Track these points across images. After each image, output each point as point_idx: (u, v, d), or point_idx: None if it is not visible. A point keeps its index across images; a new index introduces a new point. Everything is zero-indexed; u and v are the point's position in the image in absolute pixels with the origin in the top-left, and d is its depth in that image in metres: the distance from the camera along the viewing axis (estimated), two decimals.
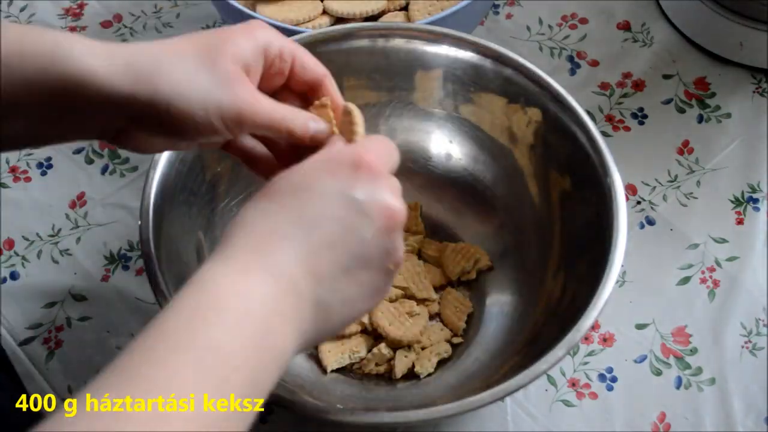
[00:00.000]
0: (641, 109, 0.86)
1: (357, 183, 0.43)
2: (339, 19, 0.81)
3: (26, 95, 0.45)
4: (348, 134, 0.49)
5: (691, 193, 0.81)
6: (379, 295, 0.46)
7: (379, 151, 0.46)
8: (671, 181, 0.81)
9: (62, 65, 0.44)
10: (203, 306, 0.39)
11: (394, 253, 0.45)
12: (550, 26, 0.92)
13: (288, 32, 0.74)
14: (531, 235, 0.74)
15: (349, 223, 0.43)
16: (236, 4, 0.78)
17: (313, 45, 0.71)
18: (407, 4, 0.84)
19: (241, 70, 0.47)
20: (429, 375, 0.69)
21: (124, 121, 0.47)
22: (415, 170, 0.78)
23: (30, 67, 0.44)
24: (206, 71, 0.46)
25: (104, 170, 0.83)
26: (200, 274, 0.40)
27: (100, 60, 0.44)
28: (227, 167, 0.72)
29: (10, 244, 0.79)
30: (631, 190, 0.80)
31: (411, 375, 0.69)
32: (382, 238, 0.44)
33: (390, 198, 0.44)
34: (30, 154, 0.85)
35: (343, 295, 0.43)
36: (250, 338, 0.38)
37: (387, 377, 0.70)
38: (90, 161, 0.84)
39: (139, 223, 0.62)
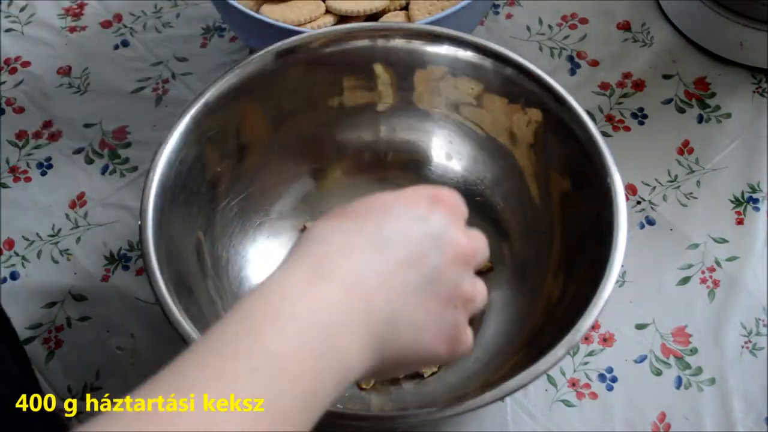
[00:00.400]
0: (641, 109, 0.86)
1: (432, 214, 0.44)
2: (342, 18, 0.81)
3: None
4: None
5: (691, 193, 0.81)
6: (448, 336, 0.45)
7: (455, 197, 0.47)
8: (671, 181, 0.81)
9: None
10: (269, 312, 0.38)
11: (462, 288, 0.45)
12: (550, 26, 0.92)
13: (289, 33, 0.75)
14: (531, 235, 0.74)
15: (423, 248, 0.43)
16: (236, 4, 0.78)
17: (313, 45, 0.71)
18: (407, 4, 0.84)
19: None
20: (433, 374, 0.69)
21: None
22: (414, 170, 0.78)
23: None
24: None
25: (104, 170, 0.83)
26: (270, 280, 0.40)
27: None
28: (227, 167, 0.72)
29: (10, 244, 0.79)
30: (631, 190, 0.80)
31: (414, 374, 0.69)
32: (452, 269, 0.44)
33: (460, 235, 0.45)
34: (30, 154, 0.85)
35: (411, 318, 0.43)
36: (309, 349, 0.38)
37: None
38: (90, 161, 0.84)
39: (139, 223, 0.62)
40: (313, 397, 0.37)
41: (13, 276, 0.77)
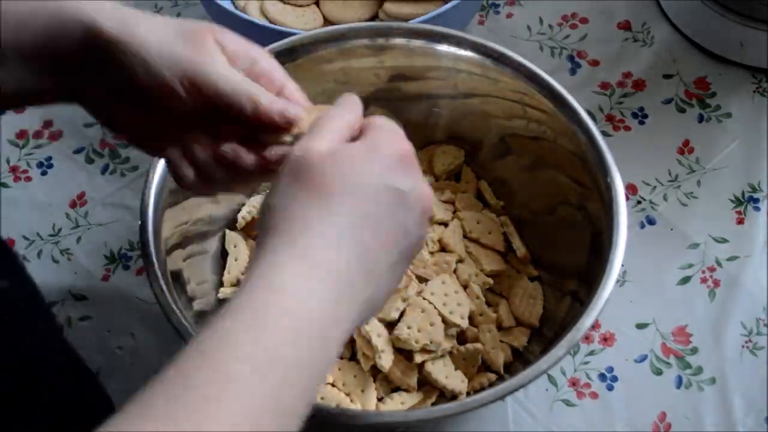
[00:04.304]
0: (642, 109, 0.86)
1: (403, 175, 0.45)
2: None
3: (16, 38, 0.46)
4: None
5: (692, 192, 0.81)
6: (400, 280, 0.47)
7: (403, 135, 0.47)
8: (672, 181, 0.81)
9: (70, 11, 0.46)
10: (264, 308, 0.39)
11: (423, 240, 0.47)
12: (550, 26, 0.92)
13: (290, 33, 0.75)
14: (531, 235, 0.74)
15: (398, 220, 0.44)
16: (224, 4, 0.79)
17: (313, 45, 0.71)
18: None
19: (217, 46, 0.47)
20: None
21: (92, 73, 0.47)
22: None
23: (25, 9, 0.46)
24: (184, 36, 0.47)
25: (104, 170, 0.83)
26: (263, 272, 0.40)
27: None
28: None
29: (10, 243, 0.79)
30: (631, 189, 0.80)
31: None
32: (419, 228, 0.45)
33: (426, 186, 0.46)
34: (30, 154, 0.85)
35: (386, 287, 0.45)
36: (307, 341, 0.39)
37: None
38: (90, 161, 0.84)
39: (139, 222, 0.62)
40: (311, 386, 0.39)
41: None
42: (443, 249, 0.73)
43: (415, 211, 0.45)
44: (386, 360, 0.65)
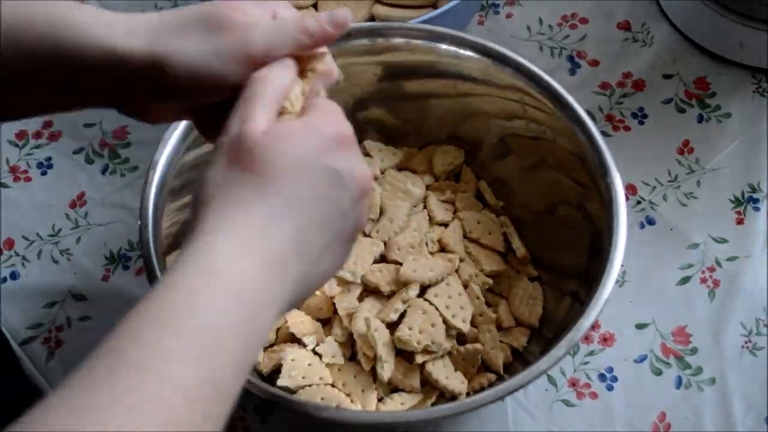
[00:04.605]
0: (641, 109, 0.86)
1: (339, 155, 0.45)
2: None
3: (33, 65, 0.45)
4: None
5: (692, 192, 0.81)
6: (343, 261, 0.48)
7: (344, 118, 0.47)
8: (671, 181, 0.81)
9: (75, 36, 0.45)
10: (199, 287, 0.39)
11: (362, 221, 0.47)
12: (550, 26, 0.92)
13: None
14: (531, 235, 0.74)
15: (334, 199, 0.44)
16: None
17: None
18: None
19: (241, 13, 0.47)
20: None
21: (136, 85, 0.47)
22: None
23: (35, 37, 0.45)
24: (212, 26, 0.46)
25: (104, 170, 0.83)
26: (196, 250, 0.41)
27: (114, 29, 0.45)
28: None
29: (10, 244, 0.79)
30: (631, 190, 0.80)
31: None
32: (356, 209, 0.46)
33: (364, 167, 0.46)
34: (30, 154, 0.85)
35: (322, 268, 0.45)
36: (240, 321, 0.40)
37: None
38: (90, 161, 0.84)
39: (139, 223, 0.62)
40: (244, 364, 0.40)
41: (14, 276, 0.77)
42: (443, 249, 0.73)
43: (351, 191, 0.45)
44: (387, 370, 0.65)
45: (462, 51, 0.71)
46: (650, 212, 0.80)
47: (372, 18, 0.87)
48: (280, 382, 0.64)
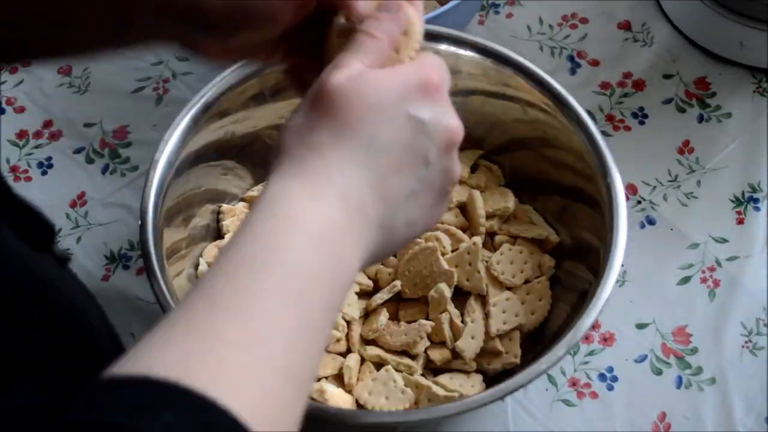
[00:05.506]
0: (641, 109, 0.86)
1: (425, 104, 0.44)
2: None
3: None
4: (402, 46, 0.47)
5: (692, 192, 0.81)
6: (436, 215, 0.47)
7: (441, 71, 0.46)
8: (671, 181, 0.81)
9: None
10: (280, 230, 0.39)
11: (453, 174, 0.46)
12: (550, 26, 0.92)
13: None
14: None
15: (417, 147, 0.44)
16: None
17: None
18: None
19: None
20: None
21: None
22: None
23: None
24: None
25: (104, 170, 0.83)
26: (273, 195, 0.41)
27: None
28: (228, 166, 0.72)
29: None
30: (631, 189, 0.80)
31: None
32: (444, 160, 0.45)
33: (452, 119, 0.45)
34: (30, 154, 0.85)
35: (406, 217, 0.44)
36: (326, 260, 0.39)
37: None
38: (90, 161, 0.84)
39: (139, 222, 0.62)
40: (331, 305, 0.40)
41: None
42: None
43: (436, 142, 0.44)
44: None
45: (462, 51, 0.71)
46: (650, 212, 0.80)
47: None
48: None
